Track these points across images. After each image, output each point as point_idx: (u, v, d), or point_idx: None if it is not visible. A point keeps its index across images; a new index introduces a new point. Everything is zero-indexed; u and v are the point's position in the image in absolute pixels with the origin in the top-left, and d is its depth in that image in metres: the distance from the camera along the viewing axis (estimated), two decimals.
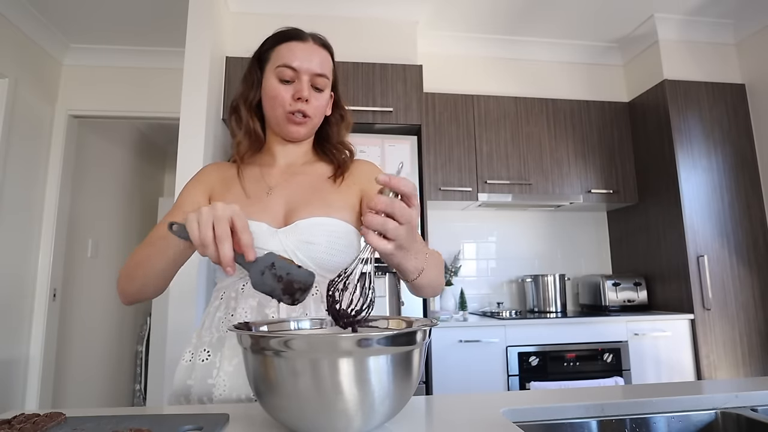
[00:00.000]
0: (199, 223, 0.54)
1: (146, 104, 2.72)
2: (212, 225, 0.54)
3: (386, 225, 0.49)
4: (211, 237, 0.54)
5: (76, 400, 2.79)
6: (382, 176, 0.49)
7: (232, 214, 0.55)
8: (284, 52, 0.81)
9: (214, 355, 0.73)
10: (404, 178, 0.49)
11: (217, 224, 0.54)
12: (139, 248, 0.72)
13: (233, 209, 0.55)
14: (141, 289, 0.72)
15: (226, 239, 0.54)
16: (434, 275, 0.68)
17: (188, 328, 1.71)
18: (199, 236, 0.54)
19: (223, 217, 0.54)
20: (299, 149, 0.89)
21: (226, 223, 0.54)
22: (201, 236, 0.54)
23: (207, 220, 0.54)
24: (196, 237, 0.54)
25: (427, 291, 0.71)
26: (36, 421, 0.50)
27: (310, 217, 0.78)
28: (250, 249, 0.56)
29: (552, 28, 2.62)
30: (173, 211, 0.80)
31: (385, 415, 0.49)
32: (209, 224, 0.54)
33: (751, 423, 0.64)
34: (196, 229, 0.54)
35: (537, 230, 2.83)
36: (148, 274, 0.70)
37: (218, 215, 0.54)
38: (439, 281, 0.72)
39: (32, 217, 2.49)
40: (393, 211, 0.48)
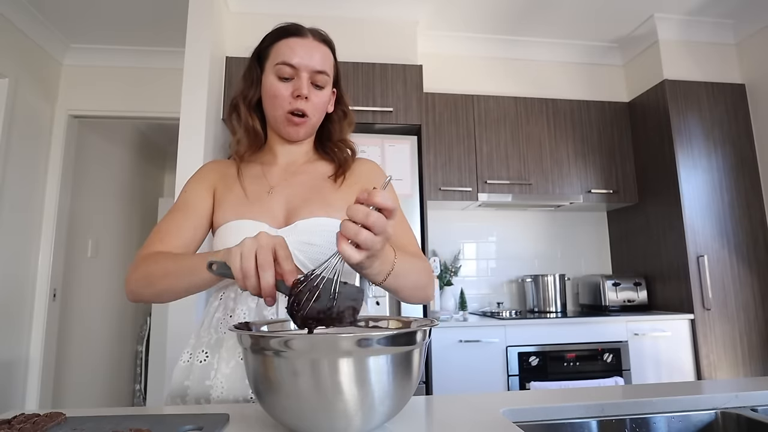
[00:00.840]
0: (242, 255, 0.53)
1: (146, 104, 2.72)
2: (255, 255, 0.53)
3: (359, 235, 0.48)
4: (254, 267, 0.53)
5: (76, 400, 2.79)
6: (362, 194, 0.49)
7: (275, 244, 0.54)
8: (283, 48, 0.80)
9: (212, 356, 0.73)
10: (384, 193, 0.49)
11: (260, 253, 0.53)
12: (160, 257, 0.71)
13: (277, 239, 0.55)
14: (158, 296, 0.71)
15: (268, 267, 0.53)
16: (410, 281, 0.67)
17: (188, 328, 1.71)
18: (241, 267, 0.53)
19: (267, 246, 0.54)
20: (300, 148, 0.88)
21: (270, 252, 0.53)
22: (243, 267, 0.53)
23: (250, 251, 0.53)
24: (238, 269, 0.53)
25: (404, 295, 0.70)
26: (36, 421, 0.50)
27: (311, 217, 0.77)
28: (292, 275, 0.54)
29: (552, 28, 2.62)
30: (178, 210, 0.80)
31: (385, 415, 0.49)
32: (252, 255, 0.53)
33: (751, 423, 0.64)
34: (238, 261, 0.53)
35: (537, 230, 2.83)
36: (171, 289, 0.69)
37: (262, 245, 0.53)
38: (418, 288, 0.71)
39: (32, 217, 2.49)
40: (368, 222, 0.48)
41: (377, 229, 0.49)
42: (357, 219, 0.48)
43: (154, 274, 0.69)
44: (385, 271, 0.60)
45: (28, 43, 2.43)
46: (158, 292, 0.70)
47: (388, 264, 0.61)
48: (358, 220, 0.48)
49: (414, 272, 0.69)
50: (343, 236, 0.49)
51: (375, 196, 0.48)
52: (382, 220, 0.49)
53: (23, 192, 2.41)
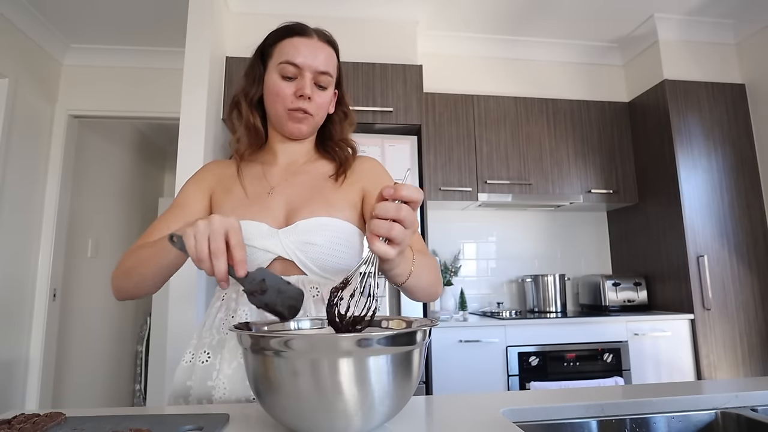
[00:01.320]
0: (195, 238, 0.54)
1: (146, 104, 2.72)
2: (208, 239, 0.54)
3: (392, 231, 0.48)
4: (207, 252, 0.54)
5: (76, 400, 2.79)
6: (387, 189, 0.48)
7: (227, 229, 0.55)
8: (287, 48, 0.79)
9: (214, 357, 0.73)
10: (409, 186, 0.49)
11: (212, 239, 0.54)
12: (136, 248, 0.72)
13: (229, 223, 0.55)
14: (137, 287, 0.72)
15: (221, 255, 0.54)
16: (425, 279, 0.68)
17: (188, 329, 1.70)
18: (195, 250, 0.54)
19: (219, 231, 0.54)
20: (301, 147, 0.87)
21: (222, 238, 0.54)
22: (197, 251, 0.54)
23: (203, 234, 0.54)
24: (192, 251, 0.54)
25: (420, 294, 0.70)
26: (36, 421, 0.50)
27: (311, 217, 0.77)
28: (240, 266, 0.55)
29: (552, 28, 2.62)
30: (172, 210, 0.80)
31: (385, 415, 0.49)
32: (205, 239, 0.54)
33: (751, 423, 0.64)
34: (192, 244, 0.54)
35: (537, 230, 2.83)
36: (146, 274, 0.70)
37: (214, 229, 0.54)
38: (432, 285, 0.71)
39: (32, 217, 2.49)
40: (400, 217, 0.48)
41: (407, 223, 0.49)
42: (389, 215, 0.48)
43: (129, 265, 0.71)
44: (407, 271, 0.61)
45: (28, 43, 2.43)
46: (135, 282, 0.71)
47: (410, 263, 0.61)
48: (389, 216, 0.48)
49: (428, 271, 0.69)
50: (374, 235, 0.49)
51: (402, 190, 0.48)
52: (412, 213, 0.49)
53: (23, 192, 2.41)
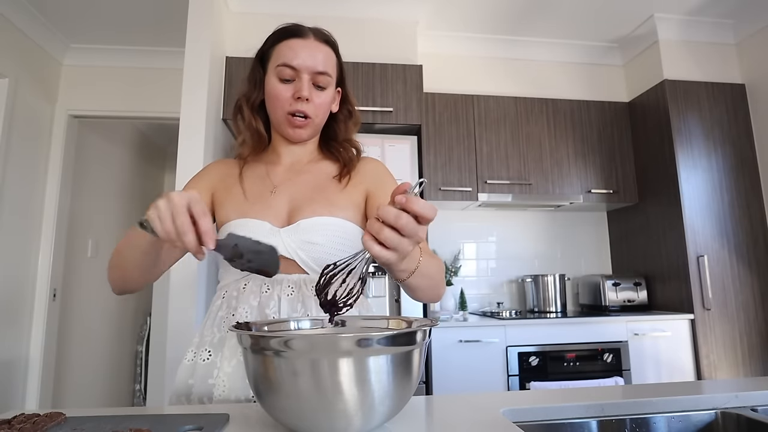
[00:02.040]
0: (160, 218, 0.53)
1: (146, 104, 2.72)
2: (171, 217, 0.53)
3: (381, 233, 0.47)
4: (173, 230, 0.53)
5: (76, 400, 2.79)
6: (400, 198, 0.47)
7: (188, 202, 0.54)
8: (284, 50, 0.80)
9: (215, 355, 0.73)
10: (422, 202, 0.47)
11: (176, 216, 0.53)
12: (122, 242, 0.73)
13: (189, 196, 0.54)
14: (124, 279, 0.72)
15: (188, 230, 0.53)
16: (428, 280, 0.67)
17: (188, 328, 1.71)
18: (163, 231, 0.53)
19: (180, 206, 0.53)
20: (304, 148, 0.88)
21: (185, 211, 0.53)
22: (164, 230, 0.53)
23: (166, 213, 0.53)
24: (160, 232, 0.53)
25: (421, 294, 0.70)
26: (36, 421, 0.50)
27: (313, 216, 0.77)
28: (208, 236, 0.54)
29: (552, 28, 2.62)
30: None
31: (385, 415, 0.49)
32: (168, 216, 0.53)
33: (751, 423, 0.64)
34: (159, 225, 0.53)
35: (537, 230, 2.83)
36: (129, 265, 0.70)
37: (175, 204, 0.53)
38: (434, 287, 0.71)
39: (32, 217, 2.49)
40: (398, 225, 0.47)
41: (406, 232, 0.47)
42: (387, 220, 0.47)
43: (115, 259, 0.72)
44: (411, 269, 0.61)
45: (28, 43, 2.42)
46: (121, 273, 0.71)
47: (414, 263, 0.61)
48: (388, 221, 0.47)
49: (434, 271, 0.69)
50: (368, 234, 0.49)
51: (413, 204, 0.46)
52: (413, 224, 0.47)
53: (23, 192, 2.41)
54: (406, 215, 0.47)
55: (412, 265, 0.61)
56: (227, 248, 0.57)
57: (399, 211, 0.47)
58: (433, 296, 0.73)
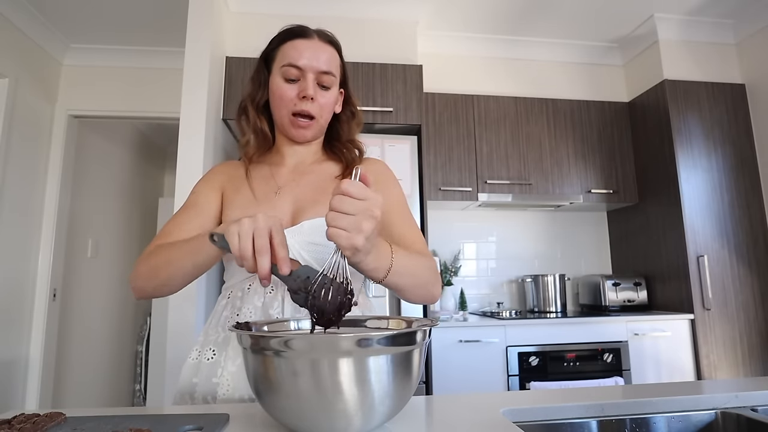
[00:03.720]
0: (240, 235, 0.55)
1: (146, 104, 2.72)
2: (252, 237, 0.55)
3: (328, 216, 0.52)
4: (251, 250, 0.54)
5: (76, 400, 2.79)
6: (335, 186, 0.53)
7: (271, 227, 0.56)
8: (289, 50, 0.80)
9: (219, 354, 0.74)
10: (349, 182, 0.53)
11: (257, 237, 0.55)
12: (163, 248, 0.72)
13: (273, 221, 0.56)
14: (162, 286, 0.72)
15: (265, 253, 0.55)
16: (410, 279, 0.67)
17: (188, 328, 1.71)
18: (239, 248, 0.55)
19: (264, 229, 0.55)
20: (308, 148, 0.88)
21: (267, 235, 0.55)
22: (241, 248, 0.54)
23: (248, 232, 0.55)
24: (236, 249, 0.55)
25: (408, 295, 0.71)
26: (36, 421, 0.50)
27: (317, 217, 0.77)
28: (284, 262, 0.56)
29: (552, 28, 2.62)
30: (185, 210, 0.80)
31: (385, 415, 0.49)
32: (250, 236, 0.55)
33: (751, 423, 0.64)
34: (236, 242, 0.55)
35: (537, 230, 2.83)
36: (175, 274, 0.69)
37: (259, 227, 0.55)
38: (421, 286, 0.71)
39: (32, 217, 2.49)
40: (336, 207, 0.52)
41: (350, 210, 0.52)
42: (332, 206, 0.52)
43: (157, 263, 0.70)
44: (383, 267, 0.61)
45: (28, 43, 2.42)
46: (163, 280, 0.70)
47: (385, 260, 0.61)
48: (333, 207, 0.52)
49: (416, 270, 0.69)
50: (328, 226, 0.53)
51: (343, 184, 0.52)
52: (348, 201, 0.52)
53: (23, 192, 2.41)
54: (339, 197, 0.52)
55: (384, 263, 0.61)
56: (297, 279, 0.57)
57: (337, 196, 0.52)
58: (424, 296, 0.73)
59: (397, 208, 0.82)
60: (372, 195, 0.53)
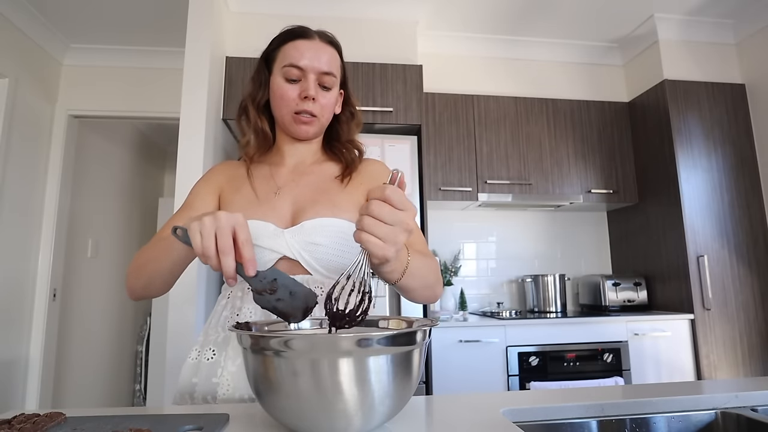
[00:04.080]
0: (202, 234, 0.53)
1: (146, 104, 2.72)
2: (215, 236, 0.53)
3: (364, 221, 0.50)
4: (214, 248, 0.52)
5: (76, 400, 2.79)
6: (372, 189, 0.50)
7: (234, 225, 0.54)
8: (290, 51, 0.81)
9: (219, 354, 0.74)
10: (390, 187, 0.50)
11: (219, 236, 0.53)
12: (147, 246, 0.73)
13: (236, 220, 0.54)
14: (147, 287, 0.72)
15: (228, 252, 0.53)
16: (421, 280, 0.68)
17: (188, 328, 1.71)
18: (201, 246, 0.53)
19: (226, 227, 0.53)
20: (308, 148, 0.89)
21: (229, 234, 0.53)
22: (203, 247, 0.53)
23: (210, 231, 0.53)
24: (198, 247, 0.53)
25: (416, 295, 0.71)
26: (36, 421, 0.50)
27: (316, 217, 0.78)
28: (250, 264, 0.54)
29: (552, 28, 2.62)
30: (182, 211, 0.81)
31: (385, 415, 0.49)
32: (212, 235, 0.52)
33: (751, 423, 0.64)
34: (198, 240, 0.53)
35: (537, 230, 2.83)
36: (154, 273, 0.70)
37: (221, 226, 0.53)
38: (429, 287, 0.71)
39: (32, 217, 2.49)
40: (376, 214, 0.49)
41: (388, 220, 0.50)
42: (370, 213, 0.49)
43: (140, 263, 0.71)
44: (400, 270, 0.61)
45: (28, 43, 2.42)
46: (146, 280, 0.71)
47: (402, 263, 0.61)
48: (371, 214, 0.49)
49: (426, 271, 0.69)
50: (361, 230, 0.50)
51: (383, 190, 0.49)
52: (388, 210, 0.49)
53: (23, 192, 2.41)
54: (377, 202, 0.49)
55: (401, 266, 0.61)
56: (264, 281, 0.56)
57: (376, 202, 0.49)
58: (428, 296, 0.73)
59: None
60: (410, 206, 0.51)
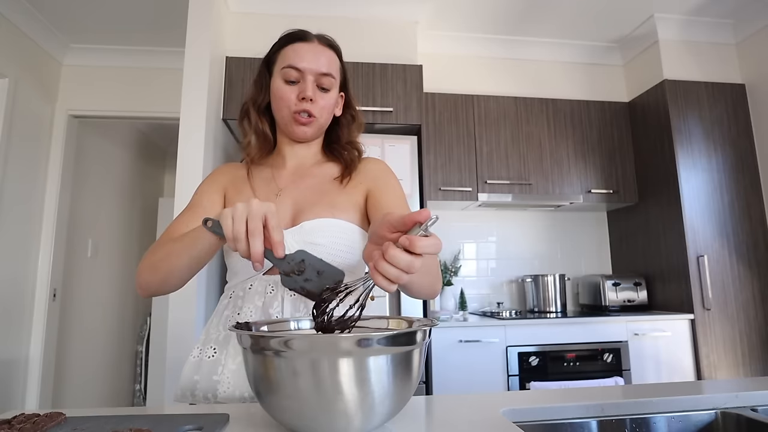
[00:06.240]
0: (233, 218, 0.56)
1: (146, 104, 2.72)
2: (246, 220, 0.56)
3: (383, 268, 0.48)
4: (244, 231, 0.56)
5: (76, 400, 2.79)
6: (404, 239, 0.47)
7: (266, 212, 0.57)
8: (289, 53, 0.83)
9: (220, 352, 0.75)
10: (428, 241, 0.47)
11: (250, 220, 0.56)
12: (161, 242, 0.73)
13: (268, 207, 0.58)
14: (164, 282, 0.72)
15: (258, 234, 0.56)
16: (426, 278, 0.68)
17: (188, 328, 1.71)
18: (232, 231, 0.56)
19: (258, 213, 0.56)
20: (309, 150, 0.90)
21: (260, 219, 0.56)
22: (234, 231, 0.56)
23: (242, 216, 0.56)
24: (229, 231, 0.56)
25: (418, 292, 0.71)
26: (36, 421, 0.50)
27: (316, 218, 0.79)
28: (280, 246, 0.58)
29: (552, 28, 2.62)
30: (190, 210, 0.81)
31: (385, 415, 0.49)
32: (243, 219, 0.56)
33: (751, 423, 0.64)
34: (230, 224, 0.56)
35: (537, 230, 2.83)
36: (174, 267, 0.69)
37: (253, 211, 0.56)
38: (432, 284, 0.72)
39: (32, 217, 2.49)
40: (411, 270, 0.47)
41: (412, 271, 0.47)
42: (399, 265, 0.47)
43: (159, 257, 0.71)
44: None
45: (28, 43, 2.42)
46: (164, 275, 0.71)
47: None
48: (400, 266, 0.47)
49: (430, 269, 0.70)
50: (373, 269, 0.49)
51: (416, 248, 0.46)
52: (417, 262, 0.47)
53: (23, 192, 2.41)
54: (417, 261, 0.47)
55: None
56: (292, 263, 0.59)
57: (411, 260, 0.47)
58: (431, 292, 0.74)
59: (399, 202, 0.83)
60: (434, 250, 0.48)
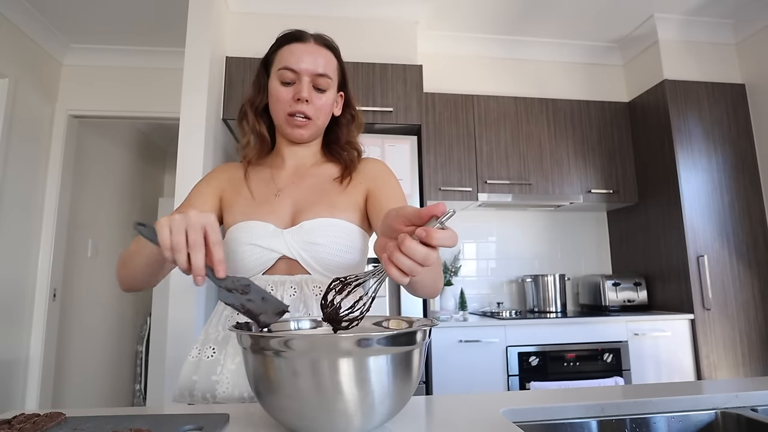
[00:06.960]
0: (171, 228, 0.51)
1: (146, 104, 2.72)
2: (185, 231, 0.51)
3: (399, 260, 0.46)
4: (184, 242, 0.51)
5: (76, 400, 2.79)
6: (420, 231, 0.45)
7: (205, 224, 0.52)
8: (285, 54, 0.82)
9: (219, 352, 0.75)
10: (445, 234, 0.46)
11: (190, 231, 0.51)
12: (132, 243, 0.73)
13: (207, 219, 0.53)
14: (130, 279, 0.72)
15: (199, 248, 0.51)
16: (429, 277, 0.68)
17: (188, 328, 1.71)
18: (170, 241, 0.51)
19: (197, 225, 0.51)
20: (308, 150, 0.89)
21: (200, 231, 0.51)
22: (173, 241, 0.51)
23: (179, 226, 0.51)
24: (166, 240, 0.51)
25: (421, 291, 0.71)
26: (36, 421, 0.50)
27: (315, 218, 0.79)
28: (221, 264, 0.53)
29: (552, 28, 2.62)
30: (182, 208, 0.81)
31: (385, 415, 0.49)
32: (182, 230, 0.51)
33: (751, 423, 0.64)
34: (167, 234, 0.51)
35: (537, 230, 2.83)
36: (134, 267, 0.70)
37: (192, 222, 0.51)
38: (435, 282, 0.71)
39: (32, 217, 2.49)
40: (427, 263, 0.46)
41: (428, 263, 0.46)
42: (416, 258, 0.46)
43: (127, 255, 0.72)
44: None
45: (28, 43, 2.42)
46: (130, 272, 0.71)
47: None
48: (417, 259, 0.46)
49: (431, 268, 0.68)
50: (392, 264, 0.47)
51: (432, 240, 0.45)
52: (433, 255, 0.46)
53: (23, 192, 2.41)
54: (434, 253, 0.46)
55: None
56: (236, 282, 0.55)
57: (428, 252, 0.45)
58: (433, 290, 0.74)
59: (399, 202, 0.83)
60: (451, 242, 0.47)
